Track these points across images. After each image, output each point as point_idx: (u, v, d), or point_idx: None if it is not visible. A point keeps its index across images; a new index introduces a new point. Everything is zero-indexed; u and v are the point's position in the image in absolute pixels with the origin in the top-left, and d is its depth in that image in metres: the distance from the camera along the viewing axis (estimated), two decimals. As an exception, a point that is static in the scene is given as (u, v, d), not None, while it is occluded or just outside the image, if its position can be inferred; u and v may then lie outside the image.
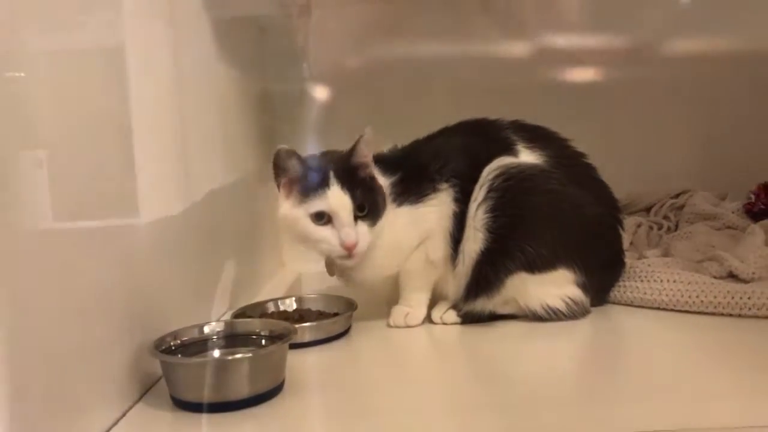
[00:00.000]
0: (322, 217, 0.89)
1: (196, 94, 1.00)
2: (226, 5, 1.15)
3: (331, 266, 0.98)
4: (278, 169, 0.91)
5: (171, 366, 0.72)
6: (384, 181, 0.95)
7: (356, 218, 0.89)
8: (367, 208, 0.90)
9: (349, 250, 0.88)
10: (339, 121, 1.43)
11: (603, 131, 1.42)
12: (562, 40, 1.49)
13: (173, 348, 0.77)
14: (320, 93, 1.49)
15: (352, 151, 0.90)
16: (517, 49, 1.50)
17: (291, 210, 0.91)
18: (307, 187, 0.89)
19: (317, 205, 0.88)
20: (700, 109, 1.49)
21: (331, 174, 0.89)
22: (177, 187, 0.92)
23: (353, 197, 0.88)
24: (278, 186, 0.93)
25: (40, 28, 0.60)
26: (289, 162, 0.90)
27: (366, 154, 0.91)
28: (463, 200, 0.93)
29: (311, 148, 1.43)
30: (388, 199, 0.94)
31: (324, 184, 0.89)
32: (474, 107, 1.01)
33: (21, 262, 0.54)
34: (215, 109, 1.10)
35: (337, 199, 0.88)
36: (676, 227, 1.32)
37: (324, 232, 0.89)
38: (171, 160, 0.90)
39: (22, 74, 0.57)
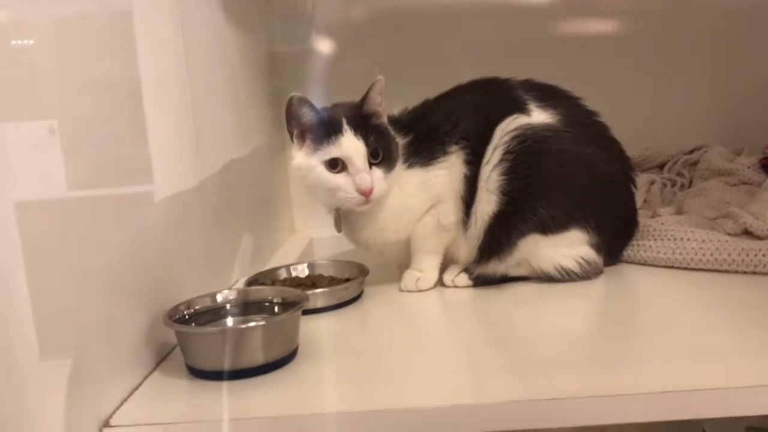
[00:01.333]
0: (336, 165, 0.88)
1: (204, 60, 0.99)
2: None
3: (339, 222, 0.97)
4: (291, 118, 0.90)
5: (185, 335, 0.72)
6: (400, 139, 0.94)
7: (371, 164, 0.88)
8: (382, 154, 0.89)
9: (366, 195, 0.88)
10: (348, 80, 1.41)
11: (618, 85, 1.39)
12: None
13: (187, 317, 0.77)
14: (327, 51, 1.47)
15: (365, 98, 0.90)
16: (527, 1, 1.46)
17: (305, 159, 0.90)
18: (321, 135, 0.88)
19: (331, 152, 0.88)
20: (714, 62, 1.45)
21: (344, 121, 0.88)
22: (189, 154, 0.91)
23: (367, 143, 0.88)
24: (291, 136, 0.92)
25: None
26: (301, 110, 0.89)
27: (378, 102, 0.91)
28: (474, 162, 0.92)
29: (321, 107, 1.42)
30: (400, 160, 0.93)
31: (337, 131, 0.88)
32: (486, 61, 0.99)
33: (36, 231, 0.54)
34: (223, 73, 1.09)
35: (351, 144, 0.87)
36: (690, 184, 1.30)
37: (339, 179, 0.88)
38: (182, 126, 0.89)
39: (31, 42, 0.57)
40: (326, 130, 0.88)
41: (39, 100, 0.57)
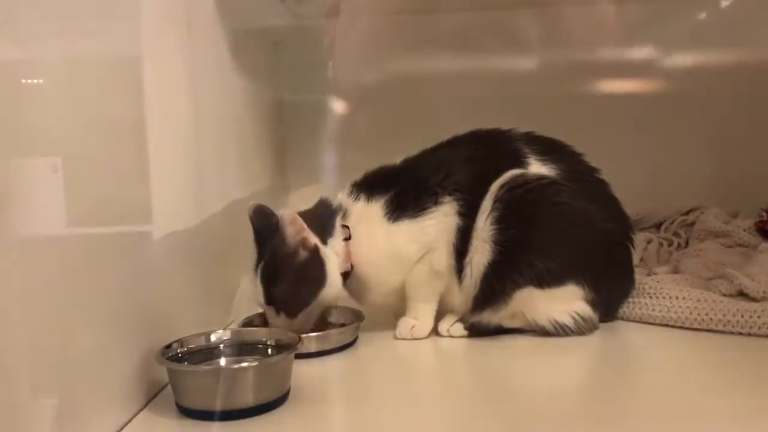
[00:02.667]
0: None
1: (211, 105, 1.01)
2: (241, 17, 1.16)
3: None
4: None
5: (176, 373, 0.72)
6: (372, 205, 0.95)
7: (277, 310, 0.90)
8: (285, 303, 0.89)
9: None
10: (353, 132, 1.44)
11: (614, 146, 1.41)
12: (571, 54, 1.49)
13: (180, 355, 0.77)
14: (335, 105, 1.50)
15: (280, 241, 0.88)
16: (527, 63, 1.50)
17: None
18: (253, 265, 0.91)
19: (253, 291, 0.91)
20: (713, 125, 1.49)
21: (261, 265, 0.90)
22: (191, 195, 0.92)
23: (267, 296, 0.89)
24: None
25: (59, 36, 0.61)
26: (252, 220, 0.93)
27: (293, 234, 0.88)
28: (467, 214, 0.92)
29: (325, 159, 1.44)
30: (382, 219, 0.93)
31: (256, 271, 0.91)
32: (487, 121, 1.01)
33: (34, 267, 0.55)
34: (230, 118, 1.11)
35: (257, 295, 0.91)
36: (687, 244, 1.31)
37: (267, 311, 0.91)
38: (186, 168, 0.90)
39: (41, 81, 0.58)
40: (254, 264, 0.91)
41: (44, 138, 0.58)
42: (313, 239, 0.90)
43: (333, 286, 0.91)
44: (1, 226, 0.51)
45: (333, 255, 0.92)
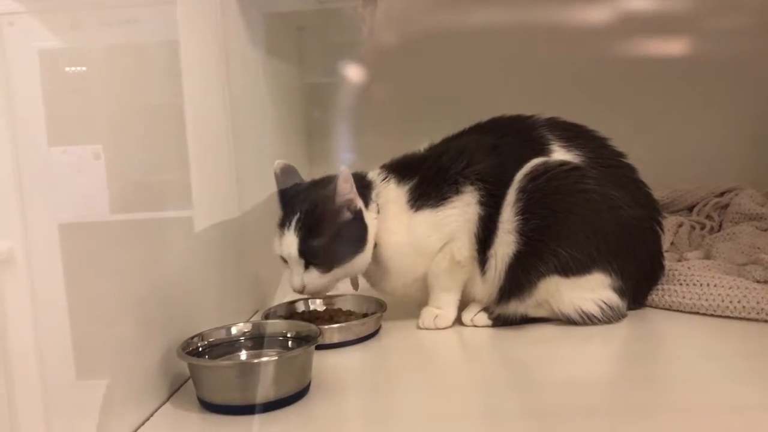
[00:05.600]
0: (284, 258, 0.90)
1: (243, 90, 1.01)
2: (268, 3, 1.16)
3: (355, 281, 0.99)
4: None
5: (197, 368, 0.72)
6: (400, 189, 0.94)
7: (309, 264, 0.88)
8: (321, 257, 0.88)
9: (299, 292, 0.89)
10: (378, 109, 1.42)
11: (648, 123, 1.38)
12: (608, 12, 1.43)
13: (200, 349, 0.77)
14: (359, 81, 1.49)
15: (327, 196, 0.88)
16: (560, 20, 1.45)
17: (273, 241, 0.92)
18: (280, 222, 0.91)
19: (277, 247, 0.90)
20: (750, 101, 1.43)
21: (295, 218, 0.88)
22: (227, 183, 0.92)
23: (303, 247, 0.87)
24: None
25: (100, 24, 0.61)
26: (278, 180, 0.93)
27: (345, 192, 0.88)
28: (489, 203, 0.91)
29: (351, 142, 1.43)
30: (406, 206, 0.93)
31: (287, 225, 0.89)
32: (517, 88, 0.97)
33: (76, 253, 0.55)
34: (261, 103, 1.12)
35: (287, 247, 0.88)
36: (720, 227, 1.27)
37: (287, 270, 0.91)
38: (222, 154, 0.90)
39: (83, 68, 0.58)
40: (282, 219, 0.90)
41: (87, 125, 0.59)
42: (359, 203, 0.90)
43: (368, 253, 0.91)
44: (44, 213, 0.52)
45: (374, 223, 0.92)
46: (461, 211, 0.92)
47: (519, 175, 0.90)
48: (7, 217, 0.51)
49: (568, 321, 0.91)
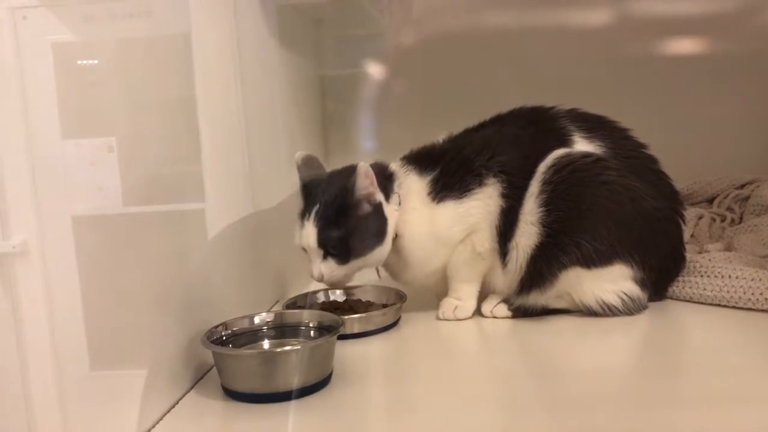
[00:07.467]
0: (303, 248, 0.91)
1: (257, 83, 1.01)
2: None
3: (378, 270, 0.99)
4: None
5: (221, 356, 0.73)
6: (422, 180, 0.94)
7: (327, 254, 0.89)
8: (339, 248, 0.89)
9: (319, 281, 0.91)
10: (394, 107, 1.43)
11: (668, 115, 1.37)
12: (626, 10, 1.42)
13: (224, 338, 0.78)
14: (377, 74, 1.49)
15: (347, 189, 0.88)
16: (587, 19, 1.44)
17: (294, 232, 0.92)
18: (300, 212, 0.92)
19: (297, 237, 0.91)
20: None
21: (314, 209, 0.89)
22: (240, 175, 0.93)
23: (322, 238, 0.88)
24: None
25: (112, 17, 0.62)
26: (299, 172, 0.93)
27: (365, 187, 0.88)
28: (511, 195, 0.91)
29: (368, 134, 1.44)
30: (427, 198, 0.93)
31: (307, 216, 0.90)
32: (535, 84, 0.97)
33: (90, 245, 0.56)
34: (276, 95, 1.11)
35: (306, 238, 0.89)
36: (741, 219, 1.26)
37: (307, 261, 0.92)
38: (235, 146, 0.90)
39: (96, 61, 0.59)
40: (301, 210, 0.91)
41: (100, 118, 0.59)
42: (380, 196, 0.91)
43: (387, 245, 0.92)
44: (58, 205, 0.53)
45: (393, 216, 0.92)
46: (484, 203, 0.92)
47: (542, 167, 0.90)
48: (22, 210, 0.52)
49: (588, 312, 0.91)
